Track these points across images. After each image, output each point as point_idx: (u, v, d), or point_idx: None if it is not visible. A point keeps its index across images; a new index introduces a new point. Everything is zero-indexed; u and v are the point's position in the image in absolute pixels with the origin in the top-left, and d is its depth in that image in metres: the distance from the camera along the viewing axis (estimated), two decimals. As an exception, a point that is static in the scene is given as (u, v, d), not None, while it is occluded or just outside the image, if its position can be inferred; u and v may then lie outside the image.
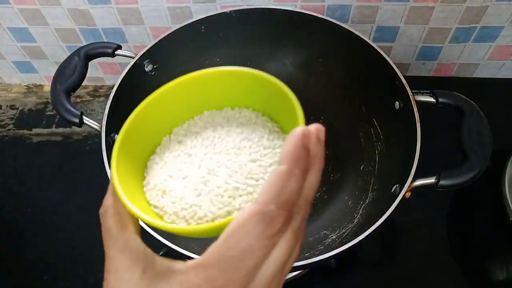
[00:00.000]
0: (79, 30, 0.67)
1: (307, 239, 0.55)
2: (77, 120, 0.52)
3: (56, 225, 0.64)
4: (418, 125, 0.49)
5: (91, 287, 0.59)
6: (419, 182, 0.47)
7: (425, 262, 0.59)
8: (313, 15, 0.58)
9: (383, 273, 0.59)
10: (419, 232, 0.61)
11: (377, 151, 0.58)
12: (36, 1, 0.63)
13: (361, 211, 0.56)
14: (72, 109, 0.52)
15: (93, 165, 0.67)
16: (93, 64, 0.59)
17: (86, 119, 0.52)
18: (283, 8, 0.59)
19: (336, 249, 0.43)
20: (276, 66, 0.65)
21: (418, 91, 0.52)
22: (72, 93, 0.54)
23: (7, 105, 0.77)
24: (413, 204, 0.54)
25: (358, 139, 0.60)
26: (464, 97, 0.50)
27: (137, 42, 0.69)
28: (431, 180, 0.47)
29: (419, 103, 0.50)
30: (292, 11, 0.59)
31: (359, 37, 0.55)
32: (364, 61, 0.56)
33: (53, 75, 0.54)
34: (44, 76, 0.78)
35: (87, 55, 0.56)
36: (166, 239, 0.44)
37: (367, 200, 0.56)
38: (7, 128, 0.74)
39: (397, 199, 0.45)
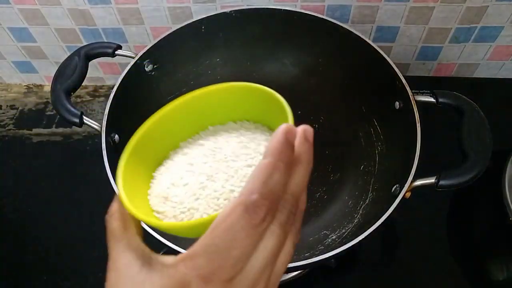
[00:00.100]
0: (79, 30, 0.67)
1: (307, 239, 0.55)
2: (77, 120, 0.52)
3: (56, 225, 0.64)
4: (418, 125, 0.49)
5: (91, 287, 0.59)
6: (419, 182, 0.47)
7: (425, 262, 0.59)
8: (313, 15, 0.58)
9: (383, 273, 0.59)
10: (419, 232, 0.61)
11: (377, 151, 0.58)
12: (36, 1, 0.63)
13: (361, 211, 0.56)
14: (72, 109, 0.52)
15: (93, 165, 0.67)
16: (93, 64, 0.59)
17: (86, 119, 0.52)
18: (283, 8, 0.59)
19: (336, 249, 0.43)
20: (276, 66, 0.65)
21: (418, 91, 0.52)
22: (72, 93, 0.54)
23: (7, 105, 0.77)
24: (413, 204, 0.54)
25: (358, 139, 0.60)
26: (464, 97, 0.50)
27: (137, 42, 0.69)
28: (431, 180, 0.47)
29: (419, 103, 0.50)
30: (292, 11, 0.59)
31: (359, 37, 0.55)
32: (364, 61, 0.56)
33: (53, 75, 0.54)
34: (44, 76, 0.78)
35: (87, 55, 0.56)
36: (167, 239, 0.44)
37: (367, 200, 0.56)
38: (7, 128, 0.74)
39: (397, 199, 0.45)
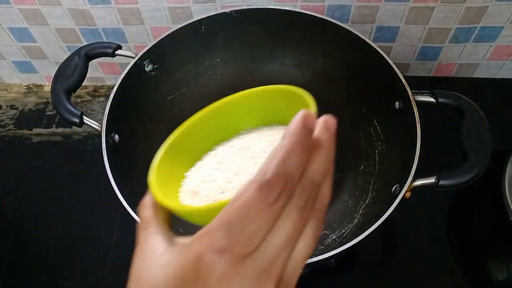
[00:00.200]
0: (79, 30, 0.67)
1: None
2: (77, 120, 0.52)
3: (56, 225, 0.64)
4: (418, 125, 0.49)
5: (91, 287, 0.59)
6: (419, 182, 0.47)
7: (425, 262, 0.59)
8: (313, 15, 0.58)
9: (383, 273, 0.59)
10: (419, 232, 0.61)
11: (377, 151, 0.58)
12: (36, 1, 0.63)
13: (361, 211, 0.56)
14: (72, 109, 0.52)
15: (93, 165, 0.67)
16: (93, 64, 0.59)
17: (86, 119, 0.52)
18: (283, 8, 0.59)
19: (336, 249, 0.43)
20: (276, 66, 0.65)
21: (418, 91, 0.52)
22: (72, 93, 0.54)
23: (7, 105, 0.77)
24: (413, 204, 0.54)
25: (358, 139, 0.60)
26: (464, 97, 0.50)
27: (137, 42, 0.69)
28: (431, 180, 0.47)
29: (419, 103, 0.50)
30: (292, 11, 0.59)
31: (359, 37, 0.55)
32: (364, 61, 0.56)
33: (53, 75, 0.54)
34: (44, 76, 0.78)
35: (87, 55, 0.56)
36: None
37: (367, 200, 0.56)
38: (7, 128, 0.74)
39: (397, 199, 0.45)
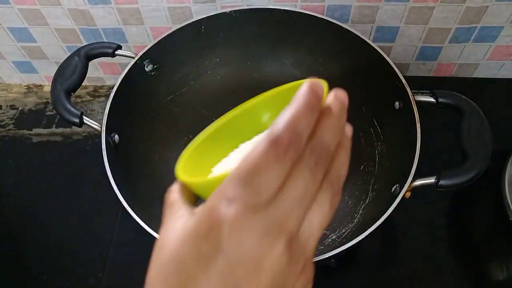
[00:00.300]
0: (79, 30, 0.67)
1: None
2: (77, 120, 0.52)
3: (56, 225, 0.64)
4: (418, 125, 0.49)
5: (91, 287, 0.59)
6: (419, 182, 0.47)
7: (425, 262, 0.59)
8: (313, 15, 0.58)
9: (383, 273, 0.59)
10: (419, 232, 0.61)
11: (377, 151, 0.58)
12: (36, 1, 0.63)
13: (361, 211, 0.56)
14: (72, 109, 0.52)
15: (93, 165, 0.68)
16: (93, 64, 0.59)
17: (86, 119, 0.52)
18: (283, 8, 0.59)
19: (336, 249, 0.43)
20: (276, 66, 0.65)
21: (418, 91, 0.52)
22: (72, 93, 0.54)
23: (7, 105, 0.77)
24: (413, 204, 0.54)
25: (358, 139, 0.60)
26: (464, 97, 0.50)
27: (137, 42, 0.69)
28: (431, 180, 0.47)
29: (419, 103, 0.50)
30: (292, 11, 0.59)
31: (359, 37, 0.55)
32: (364, 61, 0.56)
33: (53, 75, 0.54)
34: (44, 76, 0.78)
35: (87, 55, 0.56)
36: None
37: (367, 200, 0.56)
38: (7, 128, 0.74)
39: (397, 199, 0.45)
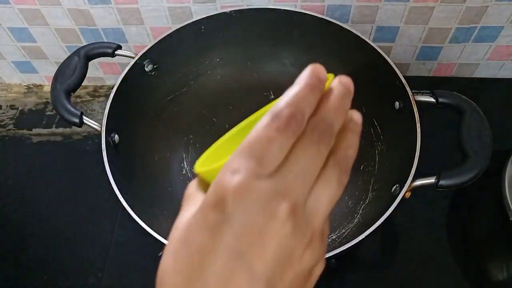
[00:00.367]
0: (79, 30, 0.67)
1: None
2: (77, 120, 0.52)
3: (56, 225, 0.64)
4: (418, 125, 0.49)
5: (91, 287, 0.59)
6: (419, 182, 0.47)
7: (425, 262, 0.59)
8: (313, 15, 0.58)
9: (383, 273, 0.59)
10: (419, 232, 0.61)
11: (377, 151, 0.58)
12: (36, 1, 0.63)
13: (361, 211, 0.56)
14: (72, 109, 0.52)
15: (93, 165, 0.68)
16: (93, 64, 0.59)
17: (86, 119, 0.52)
18: (283, 8, 0.59)
19: (336, 249, 0.43)
20: (276, 66, 0.65)
21: (418, 91, 0.52)
22: (72, 93, 0.54)
23: (7, 105, 0.77)
24: (413, 204, 0.54)
25: (358, 139, 0.60)
26: (464, 97, 0.50)
27: (137, 42, 0.69)
28: (431, 180, 0.47)
29: (419, 103, 0.50)
30: (292, 11, 0.59)
31: (359, 37, 0.55)
32: (364, 61, 0.56)
33: (53, 75, 0.54)
34: (44, 76, 0.78)
35: (87, 55, 0.56)
36: (166, 240, 0.43)
37: (367, 200, 0.56)
38: (7, 128, 0.74)
39: (397, 199, 0.45)
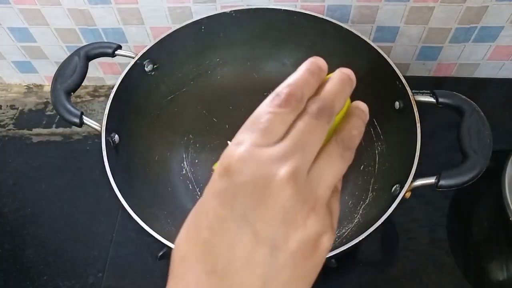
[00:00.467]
0: (79, 30, 0.67)
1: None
2: (77, 120, 0.52)
3: (56, 225, 0.64)
4: (418, 125, 0.49)
5: (91, 287, 0.59)
6: (419, 182, 0.47)
7: (425, 262, 0.59)
8: (313, 15, 0.58)
9: (383, 273, 0.59)
10: (419, 232, 0.61)
11: (377, 151, 0.58)
12: (36, 1, 0.63)
13: (361, 211, 0.56)
14: (72, 109, 0.52)
15: (93, 165, 0.68)
16: (93, 64, 0.59)
17: (86, 119, 0.52)
18: (283, 8, 0.59)
19: (336, 249, 0.43)
20: (276, 66, 0.65)
21: (418, 91, 0.52)
22: (72, 93, 0.54)
23: (7, 105, 0.77)
24: (413, 204, 0.54)
25: (358, 139, 0.60)
26: (464, 97, 0.50)
27: (137, 42, 0.69)
28: (431, 180, 0.47)
29: (419, 103, 0.50)
30: (292, 11, 0.59)
31: (359, 37, 0.55)
32: (364, 61, 0.56)
33: (53, 75, 0.54)
34: (44, 76, 0.78)
35: (87, 55, 0.56)
36: (166, 239, 0.44)
37: (367, 200, 0.56)
38: (7, 128, 0.74)
39: (397, 199, 0.45)
